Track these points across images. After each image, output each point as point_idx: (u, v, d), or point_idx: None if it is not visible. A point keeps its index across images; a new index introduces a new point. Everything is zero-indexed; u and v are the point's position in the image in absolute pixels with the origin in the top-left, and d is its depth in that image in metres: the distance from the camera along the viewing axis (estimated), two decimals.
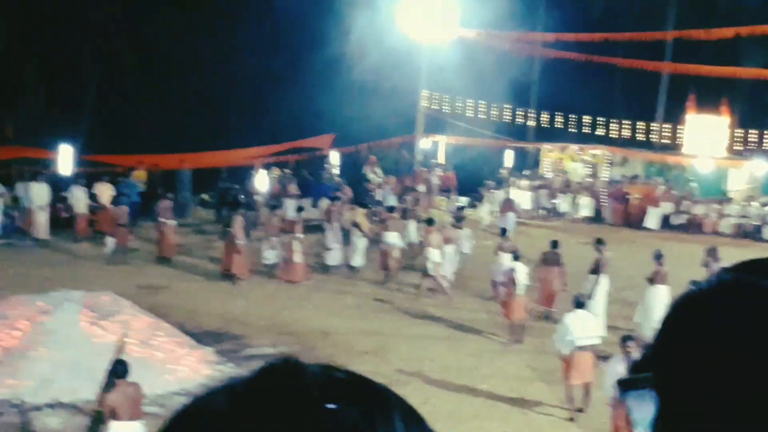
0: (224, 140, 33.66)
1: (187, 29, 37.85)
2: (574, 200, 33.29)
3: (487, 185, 32.01)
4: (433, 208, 24.74)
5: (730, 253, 19.30)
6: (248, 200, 26.14)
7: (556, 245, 17.80)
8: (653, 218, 31.31)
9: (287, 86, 37.55)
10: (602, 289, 16.41)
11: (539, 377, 13.70)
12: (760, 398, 0.83)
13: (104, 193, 25.29)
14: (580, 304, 12.52)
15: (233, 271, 19.87)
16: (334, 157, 34.39)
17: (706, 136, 34.67)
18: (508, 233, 20.61)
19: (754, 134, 34.98)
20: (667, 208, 31.83)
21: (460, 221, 21.72)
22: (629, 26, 35.59)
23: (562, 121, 37.93)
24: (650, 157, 35.76)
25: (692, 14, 35.34)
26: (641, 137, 36.94)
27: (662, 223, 31.34)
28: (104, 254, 21.79)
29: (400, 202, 26.37)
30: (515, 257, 16.37)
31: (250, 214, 22.74)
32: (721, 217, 31.51)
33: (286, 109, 36.76)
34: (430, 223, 20.61)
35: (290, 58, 38.13)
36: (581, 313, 12.36)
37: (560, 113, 37.93)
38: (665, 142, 36.60)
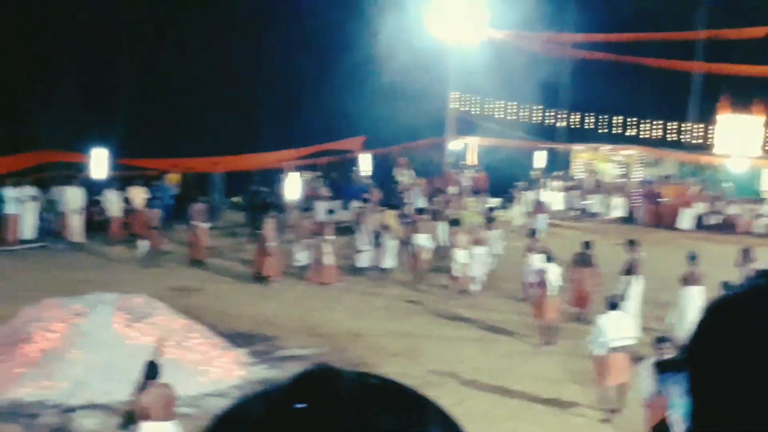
0: (255, 143, 33.78)
1: (219, 33, 38.09)
2: (606, 201, 33.08)
3: (517, 186, 31.88)
4: (463, 209, 24.63)
5: (764, 253, 19.12)
6: (278, 203, 26.22)
7: (588, 246, 17.71)
8: (686, 219, 31.04)
9: (318, 89, 37.63)
10: (636, 290, 16.30)
11: (573, 379, 13.64)
12: None
13: (138, 196, 25.48)
14: (613, 305, 12.45)
15: (265, 273, 19.97)
16: (364, 159, 34.40)
17: (739, 135, 34.32)
18: (538, 234, 20.53)
19: None
20: (700, 208, 31.54)
21: (491, 222, 21.67)
22: (660, 26, 35.32)
23: (593, 121, 37.74)
24: (682, 157, 35.44)
25: (723, 13, 34.97)
26: (673, 137, 36.65)
27: (695, 223, 31.06)
28: (138, 257, 22.00)
29: (429, 203, 26.33)
30: (548, 258, 16.26)
31: (280, 216, 22.82)
32: (755, 217, 31.14)
33: (316, 112, 36.82)
34: (456, 224, 20.57)
35: (320, 61, 38.23)
36: (615, 314, 12.29)
37: (591, 114, 37.74)
38: (697, 142, 36.26)
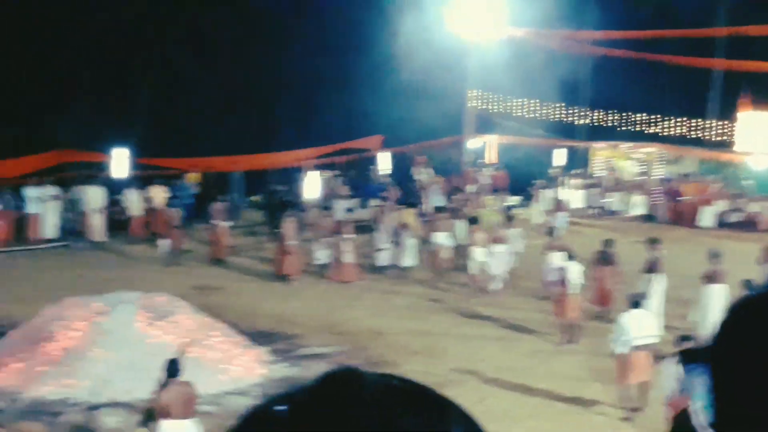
0: (275, 142, 33.86)
1: (238, 32, 38.20)
2: (626, 199, 32.92)
3: (536, 184, 31.79)
4: (482, 208, 24.59)
5: None
6: (296, 201, 26.26)
7: (609, 244, 17.64)
8: (707, 216, 30.84)
9: (336, 88, 37.65)
10: (658, 288, 16.22)
11: (595, 377, 13.59)
12: None
13: (158, 195, 25.61)
14: (636, 303, 12.39)
15: (285, 271, 20.03)
16: (383, 158, 34.40)
17: (760, 132, 34.05)
18: (557, 232, 20.46)
19: None
20: (721, 206, 31.32)
21: (510, 221, 21.61)
22: (680, 23, 35.09)
23: (613, 119, 37.54)
24: (703, 154, 35.20)
25: (744, 9, 34.72)
26: (694, 135, 36.41)
27: (716, 221, 30.86)
28: (159, 256, 22.11)
29: (448, 202, 26.30)
30: (568, 256, 16.21)
31: (300, 215, 22.88)
32: None
33: (335, 110, 36.86)
34: (474, 222, 20.51)
35: (339, 59, 38.24)
36: (637, 312, 12.24)
37: (611, 111, 37.54)
38: (718, 139, 36.02)
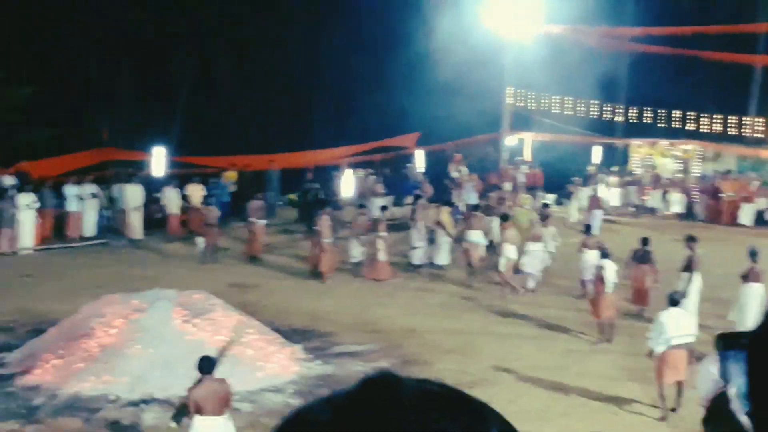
0: (311, 141, 34.00)
1: (275, 31, 38.37)
2: (664, 196, 32.62)
3: (573, 182, 31.60)
4: (518, 205, 24.47)
5: None
6: (330, 199, 26.34)
7: (646, 242, 17.49)
8: (747, 214, 30.47)
9: (372, 86, 37.70)
10: (695, 287, 16.07)
11: (630, 377, 13.48)
12: None
13: (196, 193, 25.80)
14: (675, 301, 12.27)
15: (320, 269, 20.10)
16: (419, 155, 34.40)
17: None
18: (593, 230, 20.31)
19: None
20: (761, 203, 30.92)
21: (546, 219, 21.48)
22: (719, 19, 34.66)
23: (651, 116, 37.14)
24: (743, 151, 34.73)
25: None
26: (733, 131, 35.89)
27: (756, 219, 30.47)
28: (196, 254, 22.28)
29: (483, 200, 26.18)
30: (604, 254, 16.09)
31: (335, 212, 22.94)
32: None
33: (371, 108, 36.90)
34: (505, 219, 20.38)
35: (375, 57, 38.28)
36: (676, 310, 12.13)
37: (649, 108, 37.15)
38: (758, 136, 35.50)
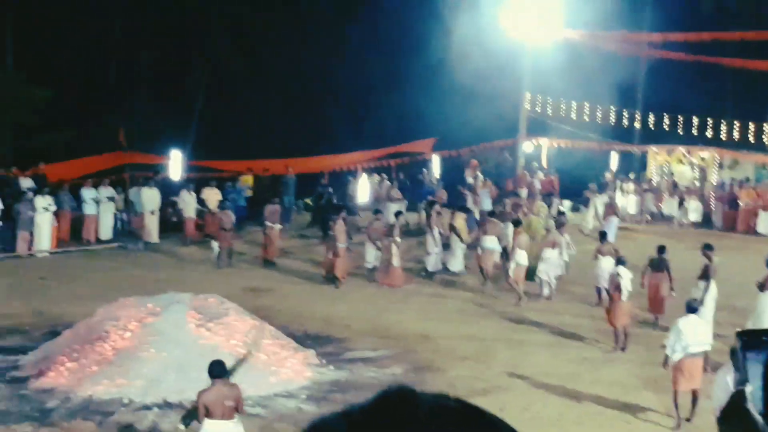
0: (327, 145, 34.01)
1: (292, 36, 38.44)
2: (681, 204, 32.42)
3: (589, 189, 31.45)
4: (533, 212, 24.36)
5: None
6: (346, 204, 26.32)
7: (663, 250, 17.39)
8: (764, 223, 30.27)
9: (389, 91, 37.73)
10: (711, 296, 15.95)
11: (644, 385, 13.39)
12: None
13: (212, 197, 25.84)
14: (692, 309, 12.19)
15: (334, 274, 20.07)
16: (435, 161, 34.37)
17: None
18: (608, 237, 20.19)
19: None
20: None
21: (561, 226, 21.34)
22: (738, 25, 34.49)
23: (669, 122, 36.97)
24: (762, 159, 34.51)
25: None
26: (752, 139, 35.69)
27: None
28: (211, 257, 22.31)
29: (498, 205, 26.07)
30: (619, 262, 16.00)
31: (350, 218, 22.93)
32: None
33: (388, 113, 36.93)
34: (517, 224, 20.25)
35: (392, 62, 38.31)
36: (694, 318, 12.05)
37: (667, 115, 36.97)
38: None
